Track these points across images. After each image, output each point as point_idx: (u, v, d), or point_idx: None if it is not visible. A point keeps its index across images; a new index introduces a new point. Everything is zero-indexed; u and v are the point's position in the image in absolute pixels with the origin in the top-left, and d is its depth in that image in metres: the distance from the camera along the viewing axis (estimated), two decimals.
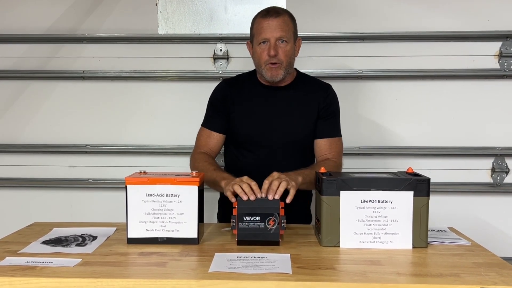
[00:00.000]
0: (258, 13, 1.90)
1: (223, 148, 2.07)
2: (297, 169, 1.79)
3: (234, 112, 1.95)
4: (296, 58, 1.93)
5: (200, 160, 1.91)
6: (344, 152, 2.10)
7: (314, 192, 1.78)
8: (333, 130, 1.97)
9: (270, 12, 1.84)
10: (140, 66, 2.57)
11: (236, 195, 1.57)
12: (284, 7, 2.40)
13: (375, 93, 2.53)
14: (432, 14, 2.48)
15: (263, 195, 1.55)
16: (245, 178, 1.62)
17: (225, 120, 1.97)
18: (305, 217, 2.05)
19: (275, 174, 1.62)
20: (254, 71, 2.00)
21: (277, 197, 1.54)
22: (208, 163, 1.87)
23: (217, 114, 1.98)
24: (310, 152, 1.98)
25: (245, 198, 1.54)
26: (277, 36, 1.82)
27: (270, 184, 1.57)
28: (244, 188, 1.56)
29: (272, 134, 1.92)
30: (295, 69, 2.01)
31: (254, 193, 1.55)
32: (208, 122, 2.00)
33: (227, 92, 1.98)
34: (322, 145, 1.94)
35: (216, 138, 1.98)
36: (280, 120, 1.93)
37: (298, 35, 1.94)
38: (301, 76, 2.01)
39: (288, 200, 1.58)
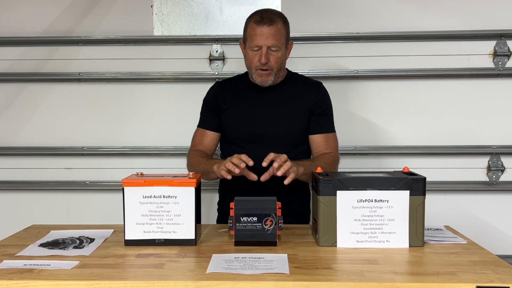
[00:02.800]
0: (253, 16, 1.92)
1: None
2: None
3: (226, 111, 2.01)
4: (291, 59, 1.95)
5: (194, 156, 1.97)
6: (340, 152, 2.10)
7: (311, 191, 1.79)
8: (328, 126, 2.02)
9: (264, 19, 1.87)
10: (136, 67, 2.57)
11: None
12: (279, 8, 2.41)
13: (370, 93, 2.54)
14: (427, 14, 2.48)
15: (265, 164, 1.67)
16: (235, 155, 1.70)
17: (218, 119, 2.02)
18: (304, 215, 2.07)
19: (284, 155, 1.69)
20: (246, 72, 2.04)
21: (279, 173, 1.64)
22: (201, 157, 1.94)
23: (210, 114, 2.04)
24: (302, 148, 2.01)
25: (237, 171, 1.65)
26: (269, 44, 1.87)
27: (276, 158, 1.66)
28: (234, 161, 1.66)
29: (263, 131, 1.96)
30: (286, 68, 2.04)
31: (246, 162, 1.67)
32: (202, 122, 2.06)
33: (219, 92, 2.05)
34: (318, 141, 1.99)
35: (210, 136, 2.03)
36: (269, 117, 1.97)
37: (291, 37, 1.97)
38: (291, 75, 2.06)
39: (286, 182, 1.66)
